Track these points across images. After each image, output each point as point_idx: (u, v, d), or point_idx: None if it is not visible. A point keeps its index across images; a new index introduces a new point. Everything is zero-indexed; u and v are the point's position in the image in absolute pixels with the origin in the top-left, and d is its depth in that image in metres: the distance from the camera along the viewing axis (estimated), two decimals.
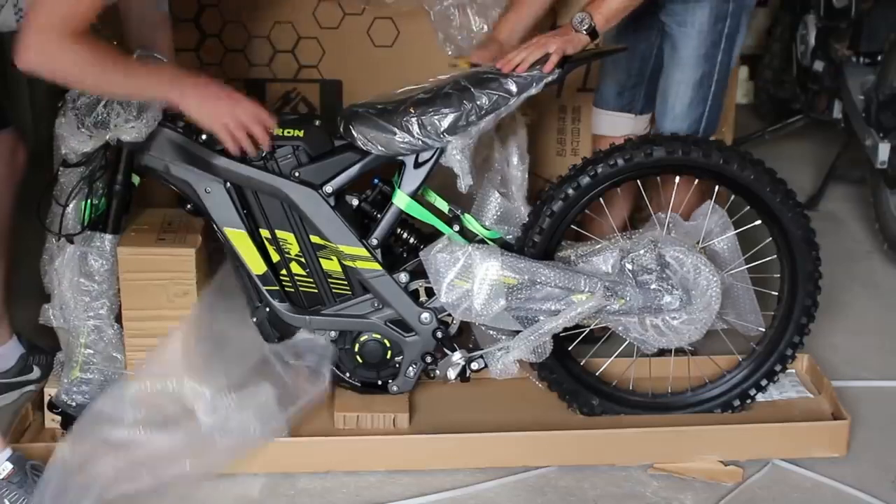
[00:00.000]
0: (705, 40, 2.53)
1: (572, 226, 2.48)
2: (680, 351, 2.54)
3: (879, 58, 3.47)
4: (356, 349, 2.45)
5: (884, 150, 3.34)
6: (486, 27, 2.81)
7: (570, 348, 2.52)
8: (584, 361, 2.57)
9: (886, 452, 2.48)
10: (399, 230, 2.44)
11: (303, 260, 2.40)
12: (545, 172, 2.99)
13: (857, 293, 3.21)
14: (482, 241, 2.43)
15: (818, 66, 3.80)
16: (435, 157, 2.36)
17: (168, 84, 2.22)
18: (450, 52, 2.83)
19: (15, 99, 3.81)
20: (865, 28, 3.59)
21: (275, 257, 2.41)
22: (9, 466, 2.20)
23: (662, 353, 2.55)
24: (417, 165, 2.36)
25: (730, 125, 3.02)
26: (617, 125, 2.76)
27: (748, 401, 2.56)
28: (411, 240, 2.46)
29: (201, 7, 2.97)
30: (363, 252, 2.38)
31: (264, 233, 2.40)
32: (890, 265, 3.40)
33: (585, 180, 2.39)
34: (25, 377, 2.65)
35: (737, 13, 2.53)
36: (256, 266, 2.39)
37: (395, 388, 2.49)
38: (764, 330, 2.56)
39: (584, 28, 2.35)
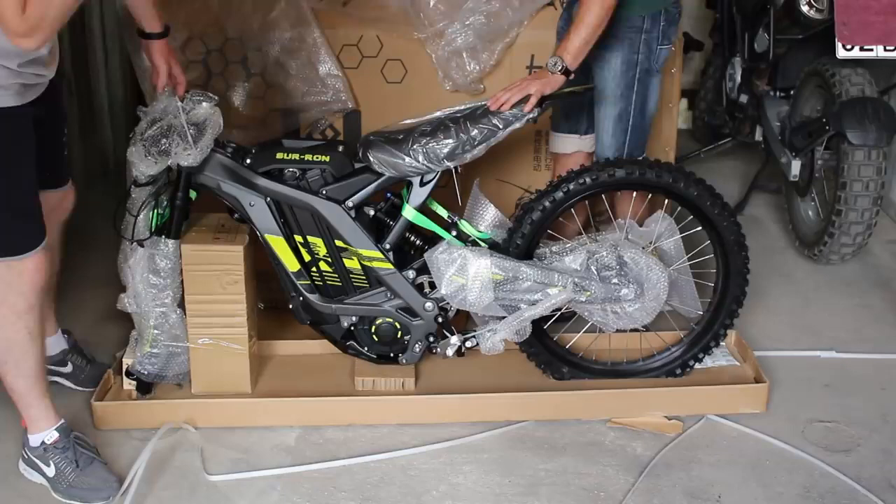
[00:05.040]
0: (620, 83, 2.39)
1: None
2: (633, 329, 2.47)
3: (792, 92, 3.42)
4: (373, 330, 2.39)
5: (795, 166, 3.28)
6: (477, 68, 2.74)
7: (545, 326, 2.45)
8: (556, 337, 2.51)
9: (797, 408, 2.44)
10: (407, 235, 2.36)
11: (329, 260, 2.33)
12: (523, 183, 2.92)
13: (775, 281, 3.14)
14: (475, 243, 2.35)
15: (743, 98, 3.74)
16: (437, 177, 2.28)
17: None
18: (447, 88, 2.76)
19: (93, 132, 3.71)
20: (781, 68, 3.52)
21: (306, 257, 2.34)
22: (55, 435, 2.09)
23: (619, 330, 2.46)
24: (422, 184, 2.29)
25: (673, 146, 2.94)
26: (566, 144, 2.65)
27: (688, 369, 2.51)
28: (417, 243, 2.38)
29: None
30: (378, 254, 2.31)
31: (298, 238, 2.32)
32: (800, 258, 3.33)
33: (559, 195, 2.32)
34: (58, 369, 2.41)
35: (645, 62, 2.38)
36: (292, 264, 2.32)
37: (404, 361, 2.42)
38: (701, 313, 2.50)
39: (559, 69, 2.24)
